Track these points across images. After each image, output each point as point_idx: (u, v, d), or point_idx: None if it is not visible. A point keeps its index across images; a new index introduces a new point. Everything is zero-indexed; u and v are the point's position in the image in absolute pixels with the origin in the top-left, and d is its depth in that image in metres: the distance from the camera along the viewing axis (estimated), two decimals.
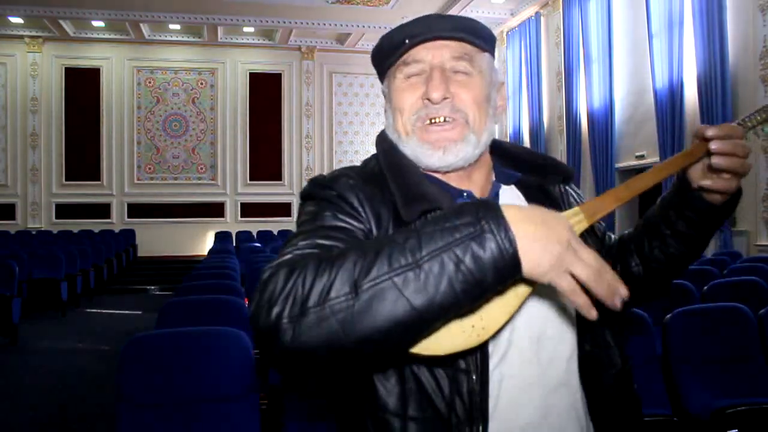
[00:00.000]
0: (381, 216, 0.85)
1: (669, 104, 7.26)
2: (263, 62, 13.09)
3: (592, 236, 1.00)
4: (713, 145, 0.80)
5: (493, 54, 0.95)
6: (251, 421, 1.95)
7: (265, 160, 12.97)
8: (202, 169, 12.91)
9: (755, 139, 6.36)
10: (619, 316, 0.98)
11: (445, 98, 0.87)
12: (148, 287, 10.30)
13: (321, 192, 0.87)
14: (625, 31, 8.58)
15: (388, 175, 0.90)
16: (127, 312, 7.89)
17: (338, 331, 0.62)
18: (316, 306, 0.63)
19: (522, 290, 0.71)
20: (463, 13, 10.84)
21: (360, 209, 0.85)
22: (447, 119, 0.88)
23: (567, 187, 1.03)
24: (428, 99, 0.87)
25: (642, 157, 8.02)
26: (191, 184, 12.80)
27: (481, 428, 0.79)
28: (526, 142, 11.09)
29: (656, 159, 7.52)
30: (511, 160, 0.99)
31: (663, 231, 0.94)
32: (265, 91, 13.07)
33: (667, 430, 2.23)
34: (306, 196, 0.89)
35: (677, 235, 0.93)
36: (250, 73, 13.06)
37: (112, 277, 10.22)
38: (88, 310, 8.08)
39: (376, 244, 0.66)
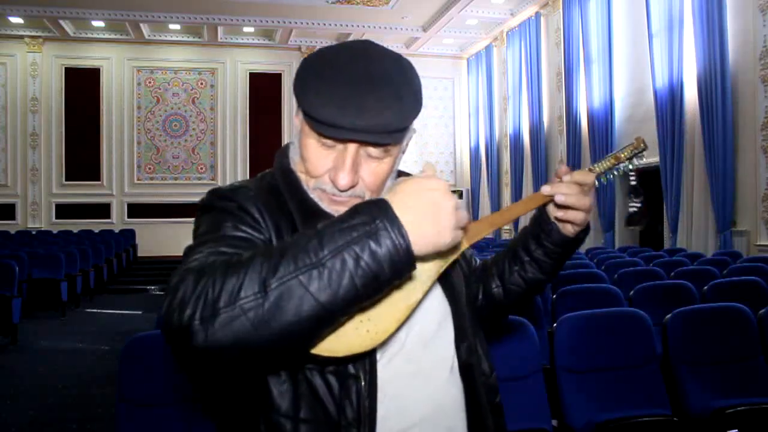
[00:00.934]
0: (280, 227, 0.88)
1: (669, 104, 7.26)
2: (263, 62, 13.10)
3: (462, 257, 1.08)
4: (556, 199, 0.94)
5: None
6: None
7: (265, 160, 12.93)
8: (202, 169, 12.91)
9: (755, 138, 6.36)
10: (486, 326, 1.11)
11: (351, 186, 0.87)
12: (148, 287, 10.30)
13: (221, 203, 0.88)
14: (625, 31, 8.58)
15: (286, 191, 0.92)
16: (127, 312, 7.89)
17: (249, 329, 0.64)
18: (226, 306, 0.65)
19: (412, 300, 0.77)
20: (463, 14, 10.85)
21: (260, 220, 0.87)
22: (347, 197, 0.89)
23: None
24: (333, 182, 0.87)
25: (642, 157, 8.01)
26: (191, 184, 12.79)
27: (368, 430, 0.82)
28: (526, 142, 11.10)
29: (656, 159, 7.52)
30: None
31: (523, 258, 1.06)
32: (265, 91, 13.07)
33: (667, 430, 2.23)
34: (205, 207, 0.89)
35: (535, 262, 1.04)
36: (250, 73, 13.07)
37: (112, 277, 10.21)
38: (88, 310, 8.08)
39: (281, 246, 0.68)
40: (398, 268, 0.67)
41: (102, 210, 12.48)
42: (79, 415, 3.82)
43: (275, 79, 13.15)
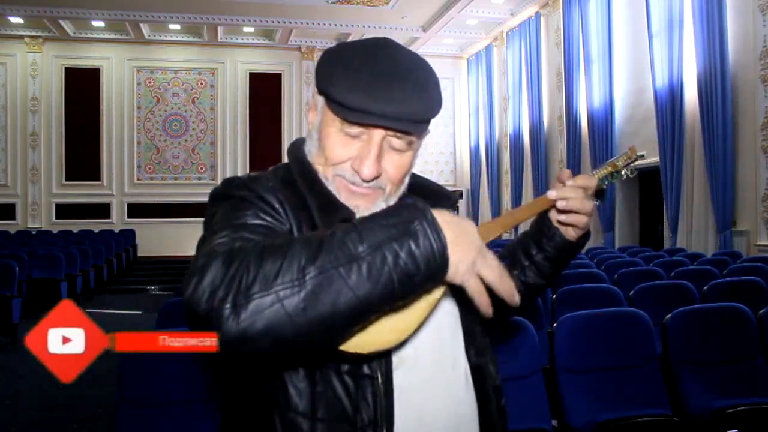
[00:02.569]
0: (301, 221, 0.86)
1: (669, 104, 7.26)
2: (263, 62, 13.10)
3: None
4: (558, 204, 0.95)
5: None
6: None
7: (265, 159, 12.96)
8: (202, 169, 12.91)
9: (755, 138, 6.36)
10: (489, 329, 1.08)
11: (375, 177, 0.86)
12: (148, 287, 10.30)
13: (239, 192, 0.85)
14: (625, 31, 8.58)
15: (303, 184, 0.90)
16: (127, 312, 7.89)
17: (283, 317, 0.62)
18: (261, 291, 0.62)
19: (432, 298, 0.76)
20: (462, 14, 10.85)
21: (281, 211, 0.85)
22: (367, 188, 0.88)
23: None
24: (357, 172, 0.86)
25: (642, 157, 8.02)
26: (191, 184, 12.80)
27: (385, 430, 0.82)
28: (526, 142, 11.10)
29: (656, 159, 7.52)
30: (412, 186, 1.02)
31: (523, 262, 1.06)
32: (265, 91, 13.08)
33: (667, 430, 2.23)
34: (219, 195, 0.87)
35: (535, 266, 1.05)
36: (250, 73, 13.07)
37: (112, 277, 10.21)
38: (88, 310, 8.06)
39: (317, 236, 0.67)
40: (433, 271, 0.67)
41: (102, 210, 12.48)
42: (79, 415, 3.82)
43: (275, 79, 13.15)
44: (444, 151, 13.86)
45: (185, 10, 11.12)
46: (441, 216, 0.70)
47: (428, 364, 0.87)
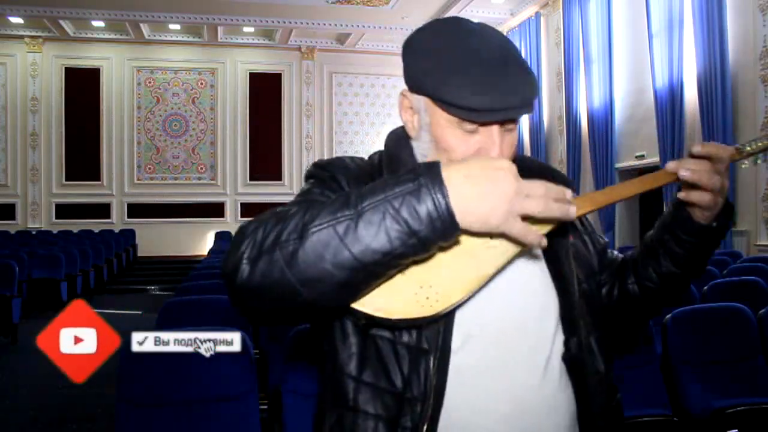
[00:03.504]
0: None
1: (669, 104, 7.25)
2: (263, 62, 13.09)
3: (589, 247, 1.01)
4: (680, 174, 0.84)
5: None
6: (251, 421, 1.95)
7: (265, 160, 12.97)
8: (202, 169, 12.91)
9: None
10: (613, 329, 1.02)
11: None
12: (148, 287, 10.29)
13: (318, 172, 0.90)
14: (625, 31, 8.58)
15: (386, 166, 0.91)
16: (127, 312, 7.88)
17: (283, 270, 0.67)
18: (269, 249, 0.68)
19: (484, 271, 0.73)
20: (462, 14, 10.84)
21: (346, 189, 0.87)
22: None
23: None
24: None
25: (642, 157, 8.02)
26: (191, 184, 12.80)
27: (431, 410, 0.80)
28: (526, 142, 11.10)
29: (656, 159, 7.52)
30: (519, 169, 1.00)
31: (657, 250, 0.96)
32: (265, 91, 13.07)
33: (667, 430, 2.23)
34: (307, 176, 0.93)
35: (669, 255, 0.94)
36: (250, 73, 13.06)
37: (112, 277, 10.21)
38: None
39: (330, 199, 0.71)
40: (438, 229, 0.66)
41: (102, 210, 12.47)
42: (79, 415, 3.82)
43: (275, 79, 13.15)
44: None
45: (185, 10, 11.12)
46: (462, 172, 0.67)
47: (496, 348, 0.84)
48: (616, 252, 1.07)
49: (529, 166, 0.97)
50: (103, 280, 9.54)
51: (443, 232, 0.66)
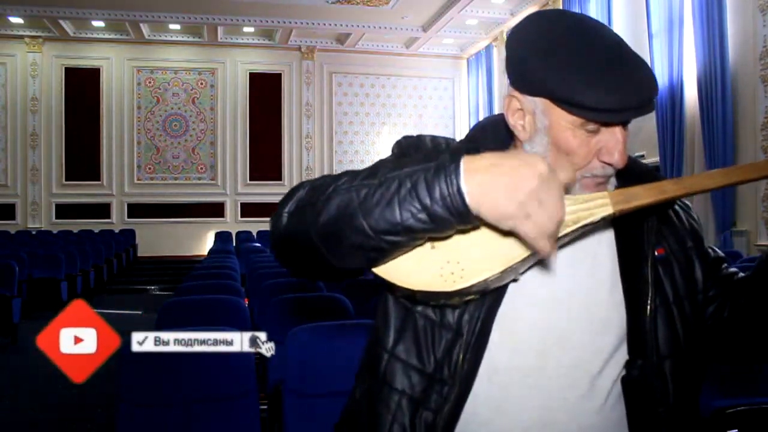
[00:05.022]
0: None
1: (669, 104, 7.26)
2: (263, 62, 13.09)
3: (680, 253, 0.90)
4: None
5: None
6: (251, 421, 1.95)
7: (265, 160, 12.97)
8: (202, 169, 12.91)
9: (756, 138, 6.36)
10: (719, 351, 0.92)
11: None
12: (148, 287, 10.29)
13: (393, 147, 0.93)
14: (624, 31, 8.57)
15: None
16: (127, 312, 7.88)
17: (309, 227, 0.72)
18: (303, 205, 0.74)
19: (515, 254, 0.71)
20: (462, 13, 10.84)
21: None
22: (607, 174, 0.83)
23: None
24: (609, 164, 0.79)
25: (642, 157, 8.02)
26: (191, 184, 12.79)
27: (456, 396, 0.79)
28: None
29: (656, 159, 7.51)
30: (625, 172, 0.90)
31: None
32: (265, 91, 13.07)
33: None
34: (391, 152, 0.95)
35: None
36: (250, 73, 13.06)
37: (112, 277, 10.21)
38: None
39: (365, 169, 0.74)
40: (450, 209, 0.65)
41: (102, 210, 12.47)
42: (79, 415, 3.82)
43: (275, 79, 13.14)
44: None
45: (185, 10, 11.12)
46: (491, 159, 0.66)
47: (536, 354, 0.81)
48: (733, 268, 0.97)
49: (635, 169, 0.89)
50: (103, 280, 9.54)
51: (457, 214, 0.66)
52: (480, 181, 0.65)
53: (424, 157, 0.70)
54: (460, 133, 13.82)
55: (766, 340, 0.87)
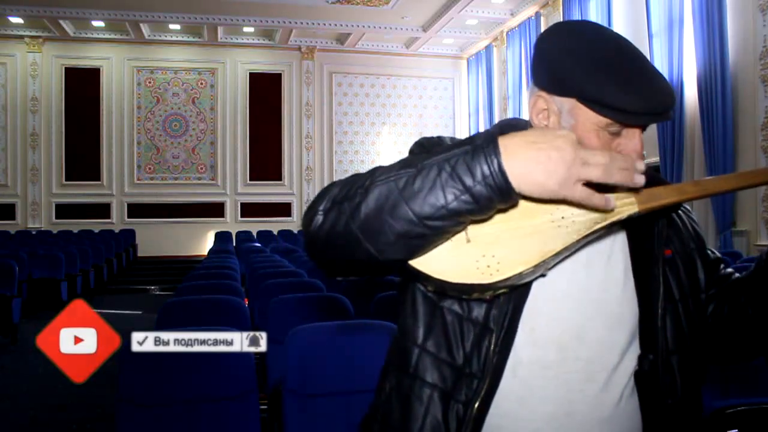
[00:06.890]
0: None
1: None
2: (263, 62, 13.09)
3: (683, 253, 0.94)
4: None
5: None
6: (251, 421, 1.95)
7: (265, 160, 12.97)
8: (202, 169, 12.91)
9: (756, 138, 6.36)
10: (719, 348, 0.96)
11: None
12: (148, 287, 10.29)
13: (414, 147, 0.94)
14: (625, 31, 8.57)
15: None
16: (127, 312, 7.88)
17: (349, 222, 0.72)
18: (339, 201, 0.74)
19: (551, 247, 0.73)
20: (462, 13, 10.85)
21: None
22: None
23: None
24: None
25: (642, 157, 8.00)
26: (191, 184, 12.79)
27: (485, 389, 0.81)
28: None
29: (656, 159, 7.52)
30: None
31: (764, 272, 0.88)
32: (265, 91, 13.07)
33: None
34: (409, 151, 0.94)
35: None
36: (250, 73, 13.06)
37: (112, 277, 10.21)
38: None
39: (398, 162, 0.74)
40: (492, 188, 0.67)
41: (102, 210, 12.47)
42: (79, 415, 3.82)
43: (275, 79, 13.14)
44: None
45: (185, 10, 11.12)
46: (520, 138, 0.69)
47: (557, 349, 0.83)
48: (730, 269, 1.01)
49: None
50: (103, 280, 9.54)
51: (499, 192, 0.67)
52: (521, 157, 0.67)
53: (453, 147, 0.71)
54: (460, 133, 13.82)
55: (763, 335, 0.92)
